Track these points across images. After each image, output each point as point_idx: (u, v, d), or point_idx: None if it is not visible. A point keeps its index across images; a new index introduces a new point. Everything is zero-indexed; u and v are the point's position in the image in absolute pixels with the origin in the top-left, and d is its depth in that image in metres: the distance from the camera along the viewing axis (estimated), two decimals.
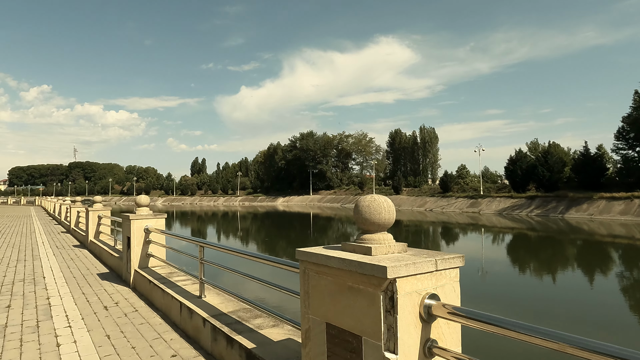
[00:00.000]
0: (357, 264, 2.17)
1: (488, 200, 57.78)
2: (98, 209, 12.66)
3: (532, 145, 67.29)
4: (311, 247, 2.64)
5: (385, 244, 2.36)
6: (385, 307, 2.08)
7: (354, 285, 2.24)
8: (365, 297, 2.16)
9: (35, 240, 15.38)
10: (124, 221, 7.51)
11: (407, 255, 2.29)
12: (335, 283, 2.35)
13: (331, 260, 2.33)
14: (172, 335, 4.72)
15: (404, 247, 2.42)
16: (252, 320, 4.07)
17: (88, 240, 12.49)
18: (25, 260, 10.66)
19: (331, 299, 2.39)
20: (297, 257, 2.63)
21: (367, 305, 2.14)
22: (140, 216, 7.21)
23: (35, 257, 11.06)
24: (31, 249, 12.71)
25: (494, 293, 13.39)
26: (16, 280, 8.04)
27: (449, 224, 43.09)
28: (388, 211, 2.39)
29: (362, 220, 2.39)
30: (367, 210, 2.37)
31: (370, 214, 2.36)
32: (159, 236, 7.25)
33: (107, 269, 9.20)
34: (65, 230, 18.93)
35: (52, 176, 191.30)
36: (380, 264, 2.04)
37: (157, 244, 7.19)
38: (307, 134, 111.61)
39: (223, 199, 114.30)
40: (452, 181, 69.16)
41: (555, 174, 53.46)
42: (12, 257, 11.11)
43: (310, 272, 2.57)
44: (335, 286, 2.35)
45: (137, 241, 7.16)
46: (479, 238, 32.40)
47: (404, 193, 77.19)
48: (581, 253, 24.32)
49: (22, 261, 10.48)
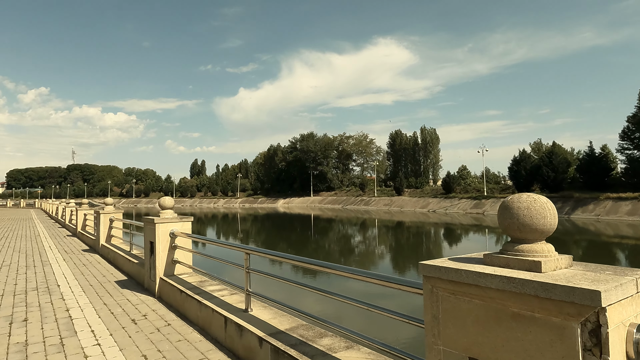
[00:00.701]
0: (537, 284, 1.63)
1: (492, 201, 57.33)
2: (109, 212, 12.09)
3: (535, 146, 66.86)
4: (439, 260, 2.11)
5: (552, 257, 1.84)
6: (584, 344, 1.55)
7: (521, 312, 1.71)
8: (545, 329, 1.63)
9: (42, 244, 14.78)
10: (147, 225, 6.95)
11: (586, 272, 1.77)
12: (488, 308, 1.83)
13: (485, 279, 1.80)
14: (218, 355, 4.17)
15: (570, 260, 1.90)
16: (318, 341, 3.53)
17: (99, 244, 11.92)
18: (35, 266, 10.08)
19: (480, 328, 1.86)
20: (421, 272, 2.10)
21: (550, 341, 1.61)
22: (165, 219, 6.66)
23: (45, 263, 10.49)
24: (39, 254, 12.14)
25: None
26: (29, 289, 7.47)
27: (455, 225, 42.57)
28: (553, 215, 1.87)
29: (518, 225, 1.87)
30: (526, 212, 1.86)
31: (531, 217, 1.85)
32: (185, 241, 6.71)
33: (124, 276, 8.63)
34: (71, 234, 18.33)
35: (51, 178, 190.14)
36: (586, 287, 1.51)
37: (183, 249, 6.65)
38: (308, 135, 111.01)
39: (223, 200, 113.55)
40: (454, 182, 68.74)
41: (559, 174, 53.09)
42: (20, 263, 10.54)
43: (440, 292, 2.04)
44: (488, 312, 1.83)
45: (163, 246, 6.61)
46: (492, 239, 31.82)
47: (406, 194, 76.70)
48: (588, 254, 23.80)
49: (31, 267, 9.90)
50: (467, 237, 33.53)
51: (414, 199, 71.79)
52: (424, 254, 23.67)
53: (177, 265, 6.67)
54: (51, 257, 11.39)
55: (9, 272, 9.28)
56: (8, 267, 9.90)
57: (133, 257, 8.81)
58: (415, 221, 48.03)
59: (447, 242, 30.42)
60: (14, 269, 9.61)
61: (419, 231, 38.22)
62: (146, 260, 7.09)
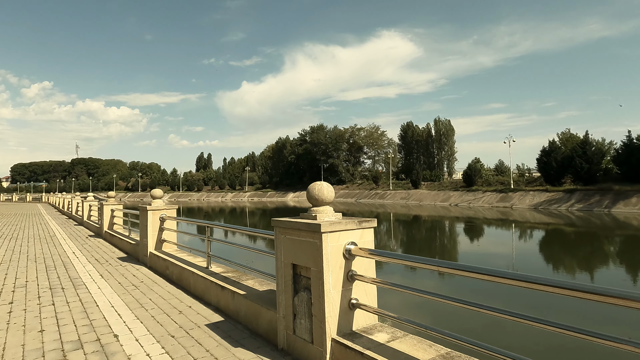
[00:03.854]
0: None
1: (520, 194, 57.22)
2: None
3: (562, 137, 66.79)
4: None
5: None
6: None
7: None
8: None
9: (62, 248, 12.39)
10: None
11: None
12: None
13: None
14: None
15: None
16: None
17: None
18: (64, 288, 7.19)
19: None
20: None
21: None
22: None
23: (77, 284, 7.54)
24: (63, 265, 9.39)
25: None
26: (69, 348, 4.34)
27: (489, 220, 41.55)
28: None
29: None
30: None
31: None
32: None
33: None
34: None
35: (55, 172, 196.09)
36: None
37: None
38: (318, 127, 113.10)
39: (231, 194, 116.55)
40: (476, 174, 69.41)
41: (594, 165, 52.24)
42: (40, 283, 7.61)
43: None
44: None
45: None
46: (537, 235, 30.75)
47: (423, 187, 77.80)
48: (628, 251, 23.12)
49: (58, 292, 6.94)
50: (514, 231, 32.31)
51: (433, 192, 72.58)
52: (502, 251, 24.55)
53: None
54: (81, 272, 12.59)
55: (27, 302, 8.54)
56: (23, 291, 6.89)
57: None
58: (442, 215, 47.41)
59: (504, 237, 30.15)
60: (32, 297, 8.07)
61: (459, 226, 37.22)
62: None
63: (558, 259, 21.03)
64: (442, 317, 9.07)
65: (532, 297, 10.43)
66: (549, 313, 9.87)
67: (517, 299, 10.58)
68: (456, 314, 8.99)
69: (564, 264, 19.40)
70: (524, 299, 10.56)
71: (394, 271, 14.17)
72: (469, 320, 8.65)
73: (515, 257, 20.83)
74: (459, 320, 8.98)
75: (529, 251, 23.86)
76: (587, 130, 56.07)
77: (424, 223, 42.06)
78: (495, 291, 11.29)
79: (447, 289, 12.89)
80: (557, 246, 25.64)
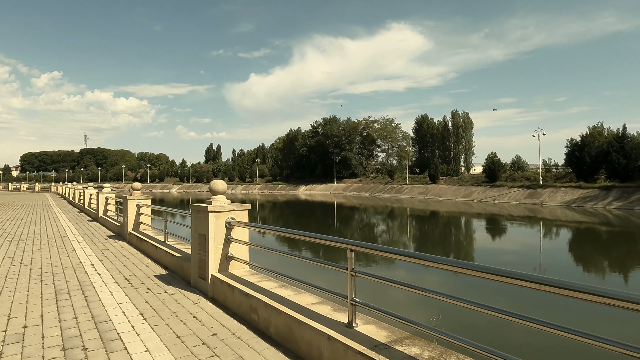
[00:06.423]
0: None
1: (551, 191, 54.25)
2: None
3: (594, 131, 62.68)
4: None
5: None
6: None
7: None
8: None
9: (76, 255, 9.20)
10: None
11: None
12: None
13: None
14: None
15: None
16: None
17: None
18: (86, 348, 4.01)
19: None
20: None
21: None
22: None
23: (106, 337, 4.32)
24: (80, 289, 6.26)
25: None
26: None
27: (523, 218, 39.18)
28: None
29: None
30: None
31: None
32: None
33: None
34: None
35: (64, 162, 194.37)
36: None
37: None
38: (331, 119, 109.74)
39: (241, 186, 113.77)
40: (500, 169, 66.17)
41: (632, 161, 49.22)
42: (46, 333, 4.46)
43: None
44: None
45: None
46: (581, 235, 28.61)
47: (442, 182, 74.70)
48: None
49: (77, 355, 3.85)
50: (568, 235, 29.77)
51: (453, 188, 69.60)
52: None
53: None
54: (110, 308, 10.42)
55: None
56: None
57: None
58: (470, 212, 45.05)
59: None
60: None
61: (498, 225, 34.81)
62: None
63: (610, 260, 19.91)
64: None
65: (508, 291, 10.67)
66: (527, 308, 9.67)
67: None
68: None
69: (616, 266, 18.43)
70: None
71: (398, 268, 15.06)
72: None
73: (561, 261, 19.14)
74: None
75: (566, 252, 22.53)
76: (625, 124, 52.04)
77: (453, 220, 39.21)
78: None
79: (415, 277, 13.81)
80: (613, 249, 23.42)
